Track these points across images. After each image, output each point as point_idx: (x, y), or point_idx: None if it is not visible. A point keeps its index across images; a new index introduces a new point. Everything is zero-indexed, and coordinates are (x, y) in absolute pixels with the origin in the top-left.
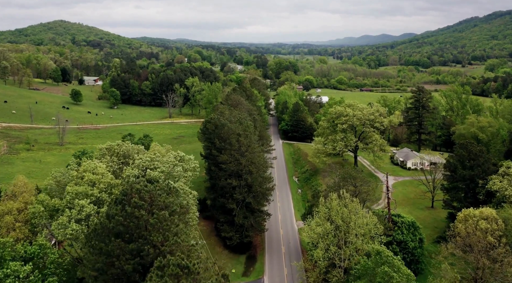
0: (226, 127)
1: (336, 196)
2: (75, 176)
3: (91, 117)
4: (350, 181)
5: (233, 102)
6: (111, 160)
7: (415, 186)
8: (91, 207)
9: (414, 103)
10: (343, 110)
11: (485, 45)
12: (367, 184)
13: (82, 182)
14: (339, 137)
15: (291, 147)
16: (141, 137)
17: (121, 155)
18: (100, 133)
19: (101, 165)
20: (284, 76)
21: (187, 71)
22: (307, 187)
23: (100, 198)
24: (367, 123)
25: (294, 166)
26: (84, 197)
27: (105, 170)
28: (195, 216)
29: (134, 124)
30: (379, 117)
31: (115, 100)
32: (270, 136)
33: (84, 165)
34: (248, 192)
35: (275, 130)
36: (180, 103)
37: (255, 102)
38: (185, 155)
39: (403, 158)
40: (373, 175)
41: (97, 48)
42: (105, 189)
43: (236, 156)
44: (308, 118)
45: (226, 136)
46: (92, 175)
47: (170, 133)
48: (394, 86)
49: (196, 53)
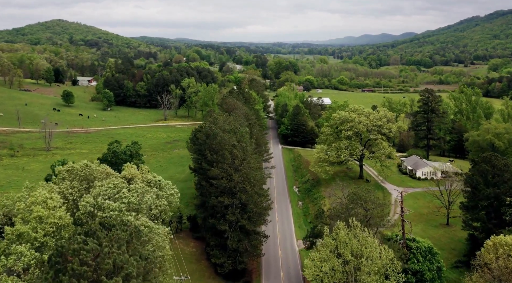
0: (219, 138)
1: (343, 224)
2: (22, 208)
3: (82, 120)
4: (360, 203)
5: (229, 107)
6: (71, 185)
7: (427, 199)
8: (31, 255)
9: (423, 106)
10: (347, 115)
11: (487, 44)
12: (380, 207)
13: (30, 217)
14: (344, 145)
15: (291, 152)
16: (129, 145)
17: (84, 179)
18: (91, 138)
19: (55, 196)
20: (284, 76)
21: (183, 72)
22: (308, 200)
23: (45, 243)
24: (374, 130)
25: (294, 174)
26: (26, 240)
27: (59, 202)
28: (168, 265)
29: (127, 127)
30: (387, 124)
31: (108, 102)
32: (268, 143)
33: (34, 196)
34: (242, 212)
35: (274, 134)
36: (176, 105)
37: (253, 105)
38: (162, 180)
39: (412, 166)
40: (380, 186)
41: (94, 48)
42: (52, 231)
43: (229, 171)
44: (309, 122)
45: (219, 148)
46: (41, 210)
47: (164, 137)
48: (396, 87)
49: (194, 53)
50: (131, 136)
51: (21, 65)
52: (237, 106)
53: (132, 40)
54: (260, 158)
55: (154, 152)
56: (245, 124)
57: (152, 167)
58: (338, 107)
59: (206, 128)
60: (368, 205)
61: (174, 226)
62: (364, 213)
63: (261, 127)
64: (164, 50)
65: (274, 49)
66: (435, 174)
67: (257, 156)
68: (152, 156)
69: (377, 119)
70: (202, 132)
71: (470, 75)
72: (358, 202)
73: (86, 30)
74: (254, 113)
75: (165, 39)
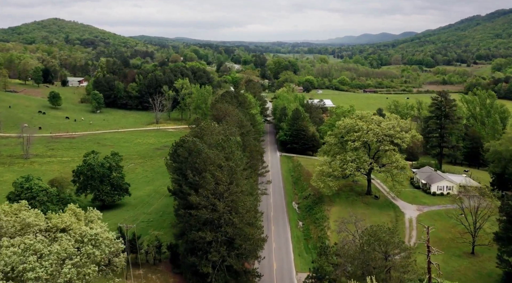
0: (203, 155)
1: None
2: None
3: (68, 123)
4: (379, 248)
5: (220, 113)
6: None
7: (447, 220)
8: None
9: (435, 111)
10: (354, 123)
11: (489, 44)
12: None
13: None
14: (350, 157)
15: (291, 161)
16: (107, 156)
17: None
18: (75, 143)
19: None
20: (283, 76)
21: (177, 72)
22: (309, 219)
23: None
24: (385, 140)
25: (293, 187)
26: None
27: None
28: None
29: (115, 132)
30: (400, 133)
31: (97, 104)
32: (265, 151)
33: None
34: (229, 248)
35: (272, 139)
36: (169, 107)
37: (248, 110)
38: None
39: (426, 179)
40: (391, 204)
41: (90, 47)
42: None
43: (211, 199)
44: (310, 127)
45: (203, 168)
46: None
47: (154, 143)
48: (399, 87)
49: (192, 52)
50: (119, 142)
51: (10, 65)
52: (229, 112)
53: (130, 39)
54: (254, 173)
55: (142, 160)
56: (238, 133)
57: (138, 178)
58: (343, 113)
59: (189, 143)
60: (389, 250)
61: (152, 257)
62: (382, 259)
63: (257, 134)
64: (161, 50)
65: (274, 48)
66: (452, 188)
67: (250, 171)
68: (139, 164)
69: (388, 128)
70: (184, 147)
71: (475, 75)
72: (376, 245)
73: (83, 29)
74: (250, 119)
75: (164, 38)
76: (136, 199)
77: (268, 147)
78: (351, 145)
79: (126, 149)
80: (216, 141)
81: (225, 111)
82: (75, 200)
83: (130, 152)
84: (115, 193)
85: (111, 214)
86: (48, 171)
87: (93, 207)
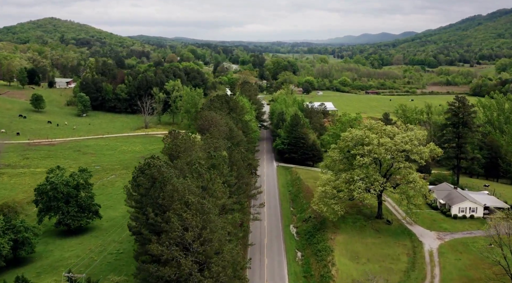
0: (169, 188)
1: None
2: None
3: (50, 128)
4: None
5: (204, 123)
6: None
7: (473, 251)
8: None
9: (452, 118)
10: (363, 135)
11: (492, 44)
12: None
13: None
14: (358, 175)
15: (289, 173)
16: (74, 173)
17: None
18: (53, 151)
19: None
20: (282, 77)
21: (170, 73)
22: (310, 250)
23: None
24: (400, 157)
25: (291, 204)
26: None
27: None
28: None
29: (99, 138)
30: (417, 147)
31: (83, 107)
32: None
33: None
34: None
35: (268, 147)
36: (159, 111)
37: (241, 116)
38: None
39: (445, 199)
40: (406, 231)
41: (85, 47)
42: None
43: (175, 253)
44: (310, 134)
45: (169, 204)
46: None
47: (141, 151)
48: (402, 88)
49: (189, 52)
50: (102, 149)
51: None
52: (216, 121)
53: (126, 39)
54: (244, 195)
55: (125, 170)
56: (225, 146)
57: (116, 193)
58: (349, 122)
59: (153, 169)
60: None
61: None
62: None
63: (251, 144)
64: (158, 49)
65: (273, 48)
66: (476, 210)
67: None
68: (120, 175)
69: (405, 142)
70: (146, 175)
71: (480, 76)
72: None
73: (79, 29)
74: (242, 126)
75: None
76: (109, 221)
77: (263, 155)
78: (359, 160)
79: (109, 157)
80: (193, 165)
81: (211, 120)
82: (28, 227)
83: (112, 161)
84: (83, 215)
85: (77, 242)
86: (18, 185)
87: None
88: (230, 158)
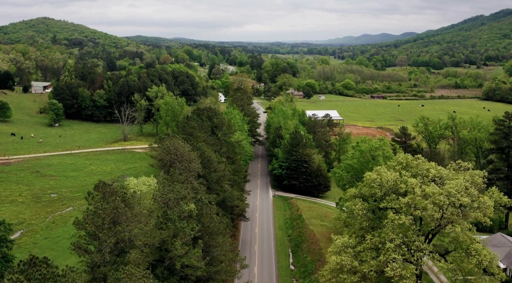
0: None
1: None
2: None
3: (11, 142)
4: None
5: (167, 157)
6: None
7: None
8: None
9: (501, 142)
10: (397, 179)
11: (497, 44)
12: None
13: None
14: (392, 241)
15: (288, 206)
16: None
17: None
18: (6, 173)
19: None
20: (281, 80)
21: (155, 77)
22: None
23: None
24: (455, 214)
25: (291, 258)
26: None
27: None
28: None
29: (67, 154)
30: (478, 199)
31: (55, 116)
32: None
33: None
34: None
35: (264, 168)
36: (141, 120)
37: (229, 136)
38: None
39: (506, 261)
40: None
41: (77, 47)
42: None
43: None
44: (315, 156)
45: None
46: None
47: (112, 171)
48: (409, 92)
49: (184, 53)
50: (66, 170)
51: None
52: (183, 154)
53: (122, 39)
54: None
55: (85, 200)
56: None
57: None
58: (370, 152)
59: None
60: None
61: None
62: None
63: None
64: (153, 50)
65: (272, 49)
66: None
67: None
68: (78, 208)
69: (459, 191)
70: None
71: (494, 79)
72: None
73: (73, 29)
74: (228, 150)
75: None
76: None
77: (257, 180)
78: (394, 218)
79: (72, 181)
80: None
81: (176, 151)
82: None
83: (75, 186)
84: None
85: None
86: None
87: None
88: (200, 214)
